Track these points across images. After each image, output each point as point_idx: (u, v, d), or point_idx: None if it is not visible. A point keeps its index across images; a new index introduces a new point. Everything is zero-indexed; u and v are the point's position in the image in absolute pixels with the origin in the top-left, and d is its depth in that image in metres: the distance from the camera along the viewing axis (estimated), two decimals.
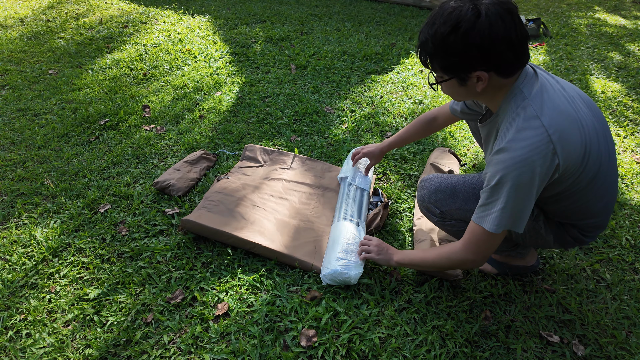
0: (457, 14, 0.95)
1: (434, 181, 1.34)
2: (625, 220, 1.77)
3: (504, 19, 0.93)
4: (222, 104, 2.59)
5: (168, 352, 1.25)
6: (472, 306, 1.40)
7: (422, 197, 1.35)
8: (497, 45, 0.94)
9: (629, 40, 3.74)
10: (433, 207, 1.33)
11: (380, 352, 1.26)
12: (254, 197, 1.75)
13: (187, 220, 1.56)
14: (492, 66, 0.99)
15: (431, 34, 1.00)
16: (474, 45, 0.95)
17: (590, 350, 1.28)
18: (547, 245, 1.29)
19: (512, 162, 0.99)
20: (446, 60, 1.02)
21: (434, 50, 1.02)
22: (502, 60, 0.98)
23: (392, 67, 3.13)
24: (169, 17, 3.92)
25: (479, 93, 1.07)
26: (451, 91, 1.11)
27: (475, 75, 1.01)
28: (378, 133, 2.33)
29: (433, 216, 1.35)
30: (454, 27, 0.95)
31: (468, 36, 0.94)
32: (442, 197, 1.30)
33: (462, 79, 1.04)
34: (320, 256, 1.52)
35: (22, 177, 1.96)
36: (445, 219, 1.33)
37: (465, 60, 0.99)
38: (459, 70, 1.02)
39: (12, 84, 2.77)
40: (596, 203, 1.13)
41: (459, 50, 0.97)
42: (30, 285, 1.46)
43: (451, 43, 0.97)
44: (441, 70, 1.05)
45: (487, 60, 0.98)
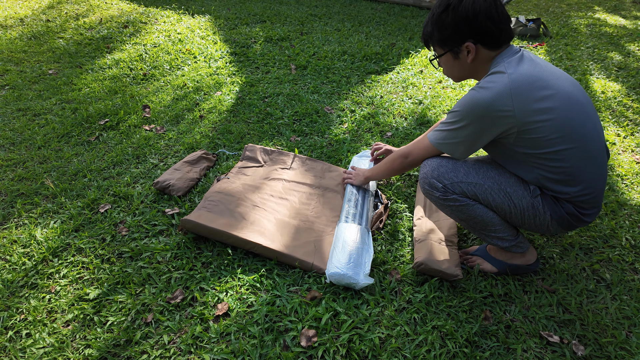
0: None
1: (435, 159, 1.40)
2: (625, 220, 1.77)
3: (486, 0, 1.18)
4: (222, 104, 2.59)
5: (168, 352, 1.25)
6: (472, 306, 1.40)
7: (425, 174, 1.38)
8: (480, 17, 1.18)
9: (629, 41, 3.74)
10: (436, 182, 1.35)
11: (380, 352, 1.26)
12: (254, 197, 1.75)
13: (187, 220, 1.56)
14: (478, 37, 1.21)
15: (430, 17, 1.28)
16: (461, 18, 1.20)
17: (591, 351, 1.28)
18: (545, 225, 1.31)
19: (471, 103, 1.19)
20: (441, 34, 1.26)
21: (432, 28, 1.28)
22: (485, 31, 1.19)
23: (392, 67, 3.13)
24: (169, 17, 3.92)
25: (470, 65, 1.28)
26: (448, 66, 1.34)
27: (465, 47, 1.24)
28: (378, 133, 2.33)
29: (435, 191, 1.35)
30: (446, 7, 1.22)
31: (456, 11, 1.20)
32: (445, 170, 1.34)
33: (455, 52, 1.27)
34: (320, 256, 1.52)
35: (22, 177, 1.96)
36: (447, 193, 1.34)
37: (456, 33, 1.23)
38: (452, 42, 1.25)
39: (12, 84, 2.77)
40: (580, 169, 1.21)
41: (450, 23, 1.22)
42: (30, 285, 1.46)
43: (444, 19, 1.23)
44: (438, 45, 1.30)
45: (473, 31, 1.20)
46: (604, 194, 1.30)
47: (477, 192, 1.31)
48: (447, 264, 1.45)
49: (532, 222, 1.32)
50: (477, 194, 1.31)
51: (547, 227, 1.32)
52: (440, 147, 1.32)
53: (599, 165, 1.23)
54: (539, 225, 1.32)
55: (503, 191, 1.29)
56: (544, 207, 1.28)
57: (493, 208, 1.32)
